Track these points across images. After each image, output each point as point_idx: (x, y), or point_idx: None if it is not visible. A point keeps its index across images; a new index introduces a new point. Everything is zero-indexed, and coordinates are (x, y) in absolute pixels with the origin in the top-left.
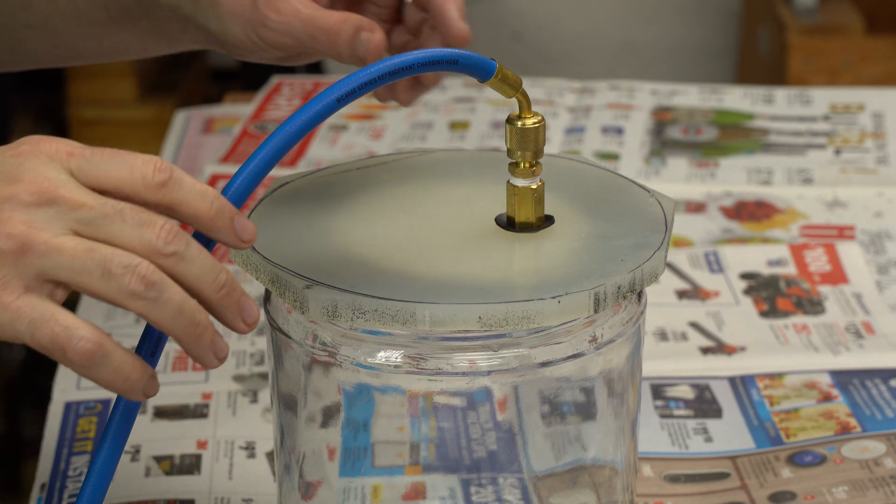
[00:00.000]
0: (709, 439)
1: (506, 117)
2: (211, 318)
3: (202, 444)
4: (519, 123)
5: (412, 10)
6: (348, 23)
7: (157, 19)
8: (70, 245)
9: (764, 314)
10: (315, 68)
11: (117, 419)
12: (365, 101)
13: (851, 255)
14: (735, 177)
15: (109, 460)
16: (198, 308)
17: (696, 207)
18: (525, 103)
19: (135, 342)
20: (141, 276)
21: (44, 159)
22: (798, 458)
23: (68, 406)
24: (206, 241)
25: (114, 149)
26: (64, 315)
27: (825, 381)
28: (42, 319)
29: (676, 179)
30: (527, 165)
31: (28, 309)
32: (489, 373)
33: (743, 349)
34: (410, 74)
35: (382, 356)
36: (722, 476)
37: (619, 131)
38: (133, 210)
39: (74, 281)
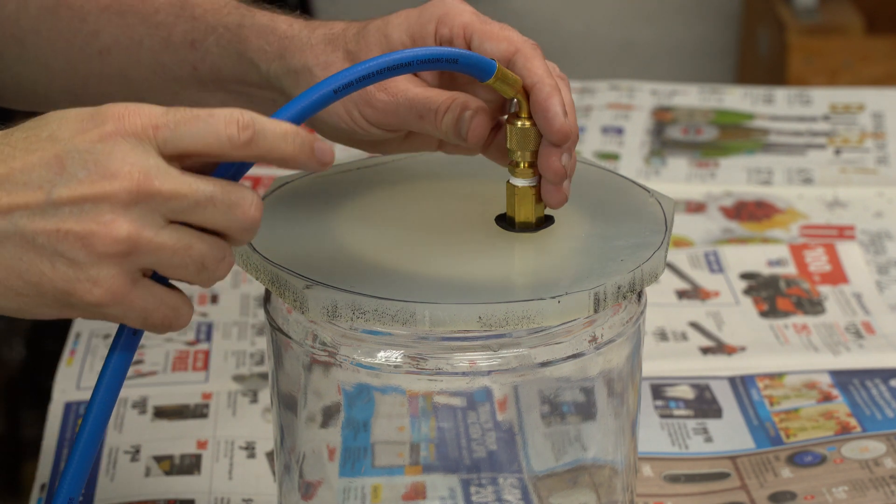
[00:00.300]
0: (709, 439)
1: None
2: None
3: (202, 444)
4: (519, 123)
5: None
6: (456, 102)
7: (249, 84)
8: (170, 243)
9: (764, 314)
10: None
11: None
12: None
13: (851, 255)
14: (735, 177)
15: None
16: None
17: (696, 207)
18: (525, 103)
19: None
20: (229, 264)
21: (132, 142)
22: (798, 458)
23: (68, 406)
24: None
25: (194, 111)
26: (167, 296)
27: (825, 381)
28: (152, 308)
29: (676, 179)
30: (527, 165)
31: (139, 301)
32: (489, 373)
33: (743, 349)
34: (410, 71)
35: (382, 356)
36: (722, 476)
37: (619, 131)
38: (223, 192)
39: (171, 273)
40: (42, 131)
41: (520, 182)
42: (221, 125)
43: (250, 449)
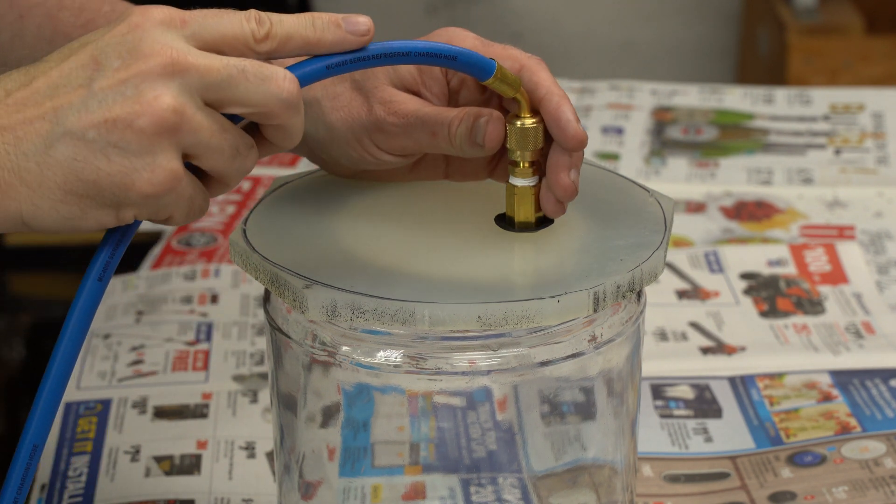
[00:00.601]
0: (709, 439)
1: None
2: None
3: (202, 444)
4: (518, 123)
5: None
6: (468, 112)
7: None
8: (207, 123)
9: (764, 314)
10: None
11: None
12: None
13: (851, 255)
14: (735, 177)
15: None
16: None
17: (696, 207)
18: (524, 103)
19: (134, 342)
20: (257, 155)
21: (161, 28)
22: (798, 458)
23: (68, 406)
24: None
25: (213, 9)
26: (200, 185)
27: (825, 381)
28: (193, 196)
29: (676, 179)
30: (526, 165)
31: (188, 188)
32: (489, 372)
33: (743, 349)
34: (406, 62)
35: (382, 356)
36: (722, 476)
37: (619, 131)
38: (254, 67)
39: (206, 156)
40: (74, 43)
41: (520, 182)
42: (243, 18)
43: (250, 449)
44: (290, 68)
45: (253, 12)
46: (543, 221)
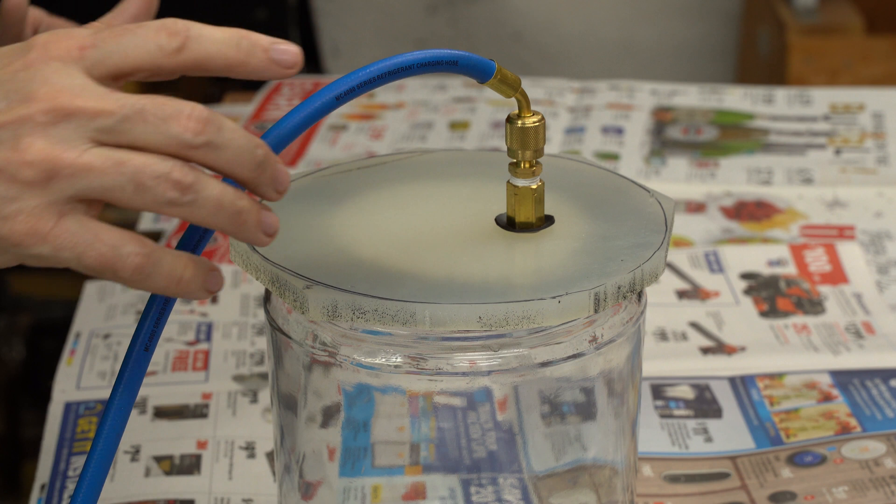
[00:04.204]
0: (709, 439)
1: (505, 117)
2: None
3: (202, 444)
4: (519, 123)
5: None
6: None
7: None
8: (98, 162)
9: (764, 314)
10: (315, 69)
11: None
12: (365, 101)
13: (851, 255)
14: (735, 177)
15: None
16: (237, 195)
17: (696, 207)
18: (524, 103)
19: None
20: (174, 181)
21: (56, 65)
22: (798, 458)
23: (68, 406)
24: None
25: (124, 26)
26: (106, 233)
27: (825, 381)
28: (86, 244)
29: (676, 179)
30: (527, 165)
31: (68, 236)
32: (489, 373)
33: (743, 349)
34: (410, 75)
35: (382, 356)
36: (722, 476)
37: (619, 131)
38: (154, 105)
39: (107, 197)
40: None
41: (520, 182)
42: (151, 34)
43: (250, 449)
44: (299, 106)
45: (168, 22)
46: (543, 221)
